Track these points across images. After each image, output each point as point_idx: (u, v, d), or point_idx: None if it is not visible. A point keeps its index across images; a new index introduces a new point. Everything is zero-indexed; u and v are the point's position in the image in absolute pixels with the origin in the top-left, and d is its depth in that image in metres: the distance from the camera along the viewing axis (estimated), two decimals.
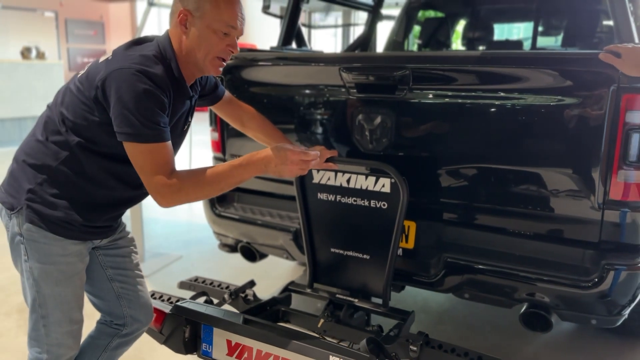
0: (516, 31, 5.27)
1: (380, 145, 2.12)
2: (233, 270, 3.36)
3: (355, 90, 2.14)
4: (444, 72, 2.00)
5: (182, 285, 2.23)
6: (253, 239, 2.56)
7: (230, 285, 2.19)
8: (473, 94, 1.97)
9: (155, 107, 1.44)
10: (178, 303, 1.83)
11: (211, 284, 2.21)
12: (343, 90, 2.18)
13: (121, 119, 1.43)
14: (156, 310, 1.81)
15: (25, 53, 9.60)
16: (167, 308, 1.82)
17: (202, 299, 2.07)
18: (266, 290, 3.04)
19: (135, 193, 1.66)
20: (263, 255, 2.64)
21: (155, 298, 2.02)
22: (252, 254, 2.63)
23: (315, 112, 2.33)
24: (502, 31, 4.79)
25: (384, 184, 1.99)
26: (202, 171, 1.54)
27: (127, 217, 4.21)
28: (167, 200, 1.49)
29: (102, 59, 1.55)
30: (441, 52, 3.75)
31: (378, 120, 2.11)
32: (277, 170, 1.60)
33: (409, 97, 2.05)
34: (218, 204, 2.68)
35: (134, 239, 1.83)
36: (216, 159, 2.74)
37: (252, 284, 2.13)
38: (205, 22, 1.53)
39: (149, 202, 1.85)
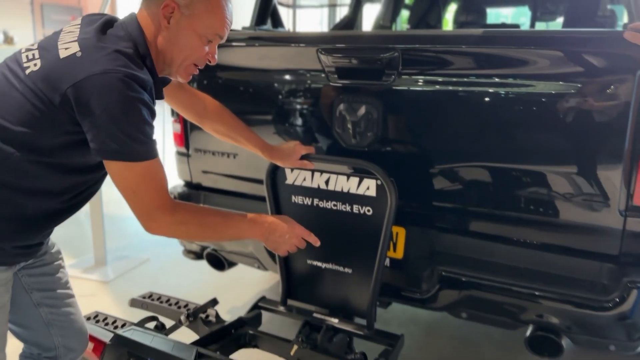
0: (511, 15, 4.99)
1: (364, 140, 1.82)
2: (206, 275, 3.05)
3: (335, 76, 1.84)
4: (438, 54, 1.70)
5: (134, 303, 1.92)
6: (220, 246, 2.26)
7: (190, 304, 1.88)
8: (473, 80, 1.67)
9: (147, 118, 1.19)
10: (120, 332, 1.52)
11: (167, 301, 1.90)
12: (322, 75, 1.88)
13: (107, 134, 1.15)
14: (94, 340, 1.50)
15: None
16: (108, 336, 1.51)
17: (152, 324, 1.76)
18: (237, 300, 2.74)
19: (75, 201, 1.34)
20: (232, 264, 2.34)
21: (97, 321, 1.71)
22: (219, 262, 2.32)
23: (290, 101, 2.02)
24: (498, 15, 4.50)
25: (369, 187, 1.69)
26: (208, 212, 1.44)
27: (85, 212, 3.85)
28: (162, 229, 1.28)
29: (62, 44, 1.21)
30: (436, 30, 3.44)
31: (362, 111, 1.81)
32: (278, 242, 1.49)
33: (397, 83, 1.75)
34: None
35: (61, 251, 1.52)
36: (179, 154, 2.42)
37: (214, 302, 1.83)
38: (192, 24, 1.27)
39: (111, 197, 1.51)
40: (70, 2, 14.48)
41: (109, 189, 1.55)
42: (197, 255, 2.39)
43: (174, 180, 2.54)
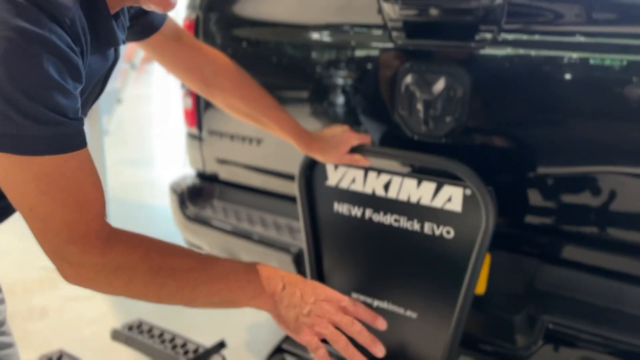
0: None
1: (440, 128, 1.27)
2: None
3: (402, 34, 1.29)
4: (568, 3, 1.13)
5: (116, 336, 1.44)
6: (236, 257, 1.75)
7: (188, 343, 1.39)
8: (620, 43, 1.09)
9: (57, 78, 0.65)
10: None
11: (160, 336, 1.41)
12: (383, 33, 1.33)
13: None
14: None
15: None
16: None
17: None
18: (252, 332, 2.23)
19: None
20: None
21: None
22: None
23: (335, 71, 1.47)
24: None
25: (452, 197, 1.14)
26: (171, 252, 0.80)
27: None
28: (82, 277, 0.74)
29: None
30: None
31: (439, 85, 1.25)
32: (297, 317, 0.84)
33: (497, 46, 1.19)
34: (190, 201, 1.87)
35: None
36: (190, 136, 1.91)
37: (220, 346, 1.32)
38: None
39: (120, 180, 1.00)
40: None
41: (117, 172, 1.04)
42: None
43: (184, 170, 2.05)
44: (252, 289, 0.83)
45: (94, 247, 0.71)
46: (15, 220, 0.87)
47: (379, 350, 0.86)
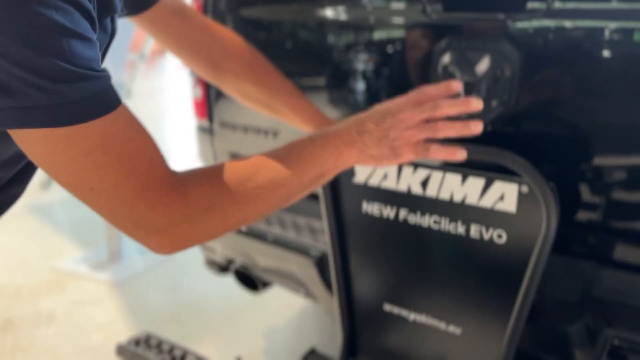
0: None
1: (487, 114, 1.10)
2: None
3: (438, 7, 1.12)
4: None
5: (121, 351, 1.29)
6: (252, 259, 1.60)
7: None
8: None
9: (72, 25, 0.54)
10: None
11: (170, 352, 1.26)
12: (412, 7, 1.16)
13: None
14: None
15: None
16: None
17: None
18: (270, 338, 2.07)
19: None
20: (268, 284, 1.69)
21: None
22: (250, 281, 1.68)
23: (360, 51, 1.31)
24: None
25: (504, 195, 0.97)
26: (238, 168, 0.73)
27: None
28: (177, 239, 0.67)
29: None
30: None
31: (484, 64, 1.08)
32: (384, 147, 0.81)
33: (552, 17, 1.01)
34: None
35: None
36: (201, 129, 1.77)
37: None
38: None
39: None
40: None
41: None
42: (222, 269, 1.76)
43: (186, 164, 1.90)
44: (330, 152, 0.79)
45: (176, 202, 0.64)
46: (24, 219, 0.73)
47: (476, 126, 0.83)
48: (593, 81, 1.02)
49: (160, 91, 9.91)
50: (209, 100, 1.67)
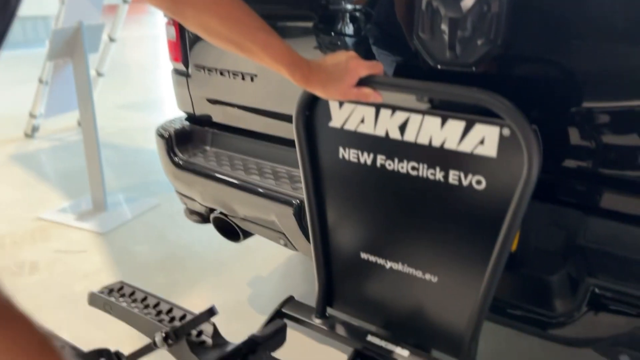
0: None
1: (470, 53, 1.02)
2: None
3: None
4: None
5: (93, 300, 1.27)
6: (231, 209, 1.56)
7: (175, 308, 1.22)
8: None
9: None
10: None
11: (143, 300, 1.24)
12: None
13: None
14: None
15: None
16: None
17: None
18: (255, 287, 2.05)
19: None
20: (249, 234, 1.65)
21: None
22: (231, 230, 1.64)
23: None
24: None
25: (485, 139, 0.92)
26: None
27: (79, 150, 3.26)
28: None
29: None
30: None
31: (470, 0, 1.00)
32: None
33: None
34: (178, 147, 1.66)
35: None
36: (177, 73, 1.69)
37: (210, 313, 1.15)
38: None
39: (117, 125, 0.76)
40: None
41: (113, 117, 0.83)
42: (203, 218, 1.72)
43: (174, 113, 1.83)
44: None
45: None
46: (8, 169, 0.67)
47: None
48: (587, 18, 0.94)
49: (154, 39, 9.64)
50: (184, 41, 1.59)
